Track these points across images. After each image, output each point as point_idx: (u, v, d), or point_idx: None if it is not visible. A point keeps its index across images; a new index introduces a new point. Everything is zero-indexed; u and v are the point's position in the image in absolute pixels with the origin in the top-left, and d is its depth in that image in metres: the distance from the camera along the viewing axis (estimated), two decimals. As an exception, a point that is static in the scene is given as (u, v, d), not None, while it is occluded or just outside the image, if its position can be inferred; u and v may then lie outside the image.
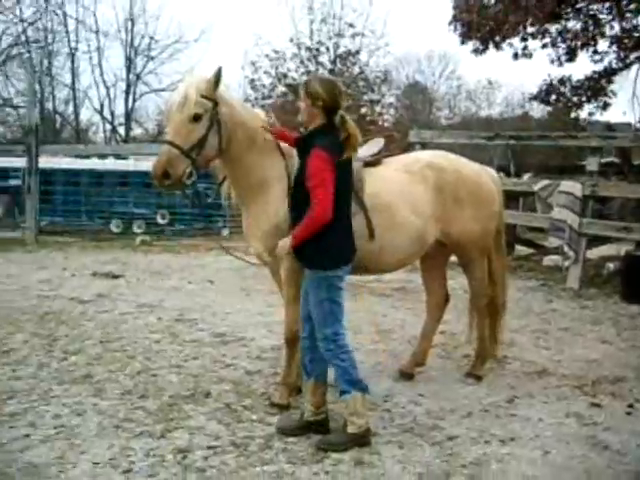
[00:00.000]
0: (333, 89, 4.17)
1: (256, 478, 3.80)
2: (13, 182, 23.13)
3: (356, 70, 27.22)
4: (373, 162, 5.12)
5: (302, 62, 26.97)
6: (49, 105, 37.11)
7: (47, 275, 9.98)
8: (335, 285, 4.18)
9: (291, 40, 27.14)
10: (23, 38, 32.86)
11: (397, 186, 5.06)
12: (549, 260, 11.62)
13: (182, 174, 4.24)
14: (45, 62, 35.48)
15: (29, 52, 31.83)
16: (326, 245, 4.11)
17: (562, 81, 16.18)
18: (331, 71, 26.75)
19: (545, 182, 10.73)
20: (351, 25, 27.27)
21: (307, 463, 3.98)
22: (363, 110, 26.40)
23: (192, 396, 5.05)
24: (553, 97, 16.69)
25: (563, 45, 15.30)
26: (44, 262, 11.39)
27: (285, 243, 4.14)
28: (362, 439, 4.20)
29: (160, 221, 21.98)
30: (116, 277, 9.96)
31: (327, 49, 27.40)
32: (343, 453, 4.10)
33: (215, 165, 4.83)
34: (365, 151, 5.31)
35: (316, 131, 4.19)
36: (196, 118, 4.23)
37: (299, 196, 4.21)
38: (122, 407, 4.81)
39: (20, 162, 17.16)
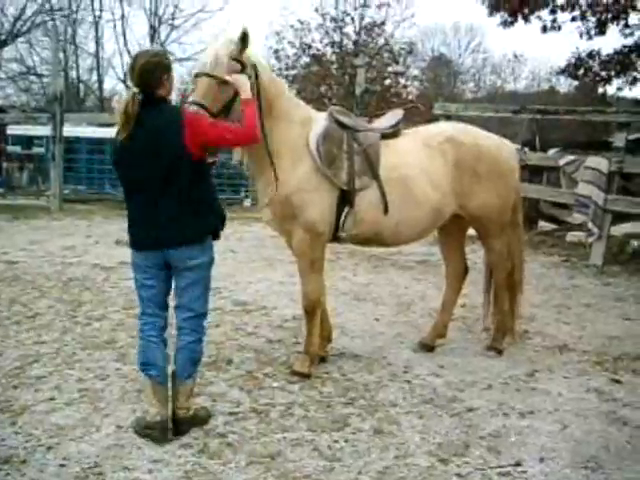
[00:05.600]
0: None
1: (277, 445, 3.85)
2: (37, 150, 23.28)
3: (381, 41, 26.99)
4: (391, 134, 5.08)
5: (327, 33, 26.82)
6: (73, 74, 37.24)
7: (71, 242, 10.05)
8: (134, 268, 3.97)
9: (316, 10, 26.99)
10: (47, 6, 32.85)
11: (415, 160, 5.01)
12: (572, 236, 11.49)
13: None
14: (69, 30, 35.52)
15: (53, 20, 31.82)
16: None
17: (591, 55, 15.93)
18: (355, 42, 26.63)
19: (571, 157, 10.58)
20: (377, -5, 27.05)
21: (327, 431, 4.02)
22: (387, 82, 26.27)
23: (214, 363, 5.10)
24: (581, 71, 16.44)
25: (593, 18, 14.98)
26: (68, 229, 11.47)
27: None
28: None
29: (182, 191, 22.04)
30: (139, 245, 9.97)
31: (352, 20, 27.22)
32: (362, 422, 4.14)
33: None
34: (383, 123, 5.26)
35: None
36: (225, 82, 4.14)
37: None
38: (145, 372, 4.86)
39: (44, 130, 17.18)
